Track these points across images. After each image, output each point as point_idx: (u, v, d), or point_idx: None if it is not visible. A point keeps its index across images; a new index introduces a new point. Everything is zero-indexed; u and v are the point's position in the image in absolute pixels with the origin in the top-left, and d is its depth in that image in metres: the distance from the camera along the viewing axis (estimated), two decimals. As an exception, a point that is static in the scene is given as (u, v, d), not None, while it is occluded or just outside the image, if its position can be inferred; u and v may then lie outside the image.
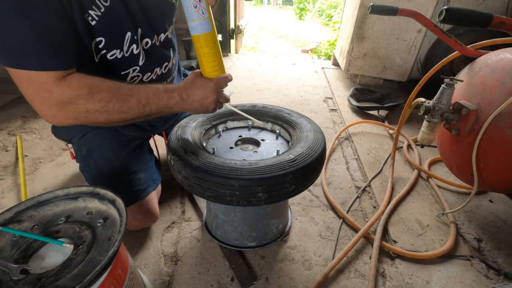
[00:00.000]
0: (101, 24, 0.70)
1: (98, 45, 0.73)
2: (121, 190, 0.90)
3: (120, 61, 0.79)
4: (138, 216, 0.95)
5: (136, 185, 0.95)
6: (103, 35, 0.72)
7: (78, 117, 0.66)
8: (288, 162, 0.72)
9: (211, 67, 0.77)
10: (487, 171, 0.97)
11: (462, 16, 0.62)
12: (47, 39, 0.59)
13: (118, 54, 0.78)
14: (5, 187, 1.25)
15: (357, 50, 2.39)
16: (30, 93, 0.62)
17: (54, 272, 0.54)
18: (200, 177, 0.71)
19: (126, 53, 0.79)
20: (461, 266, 0.95)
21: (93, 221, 0.65)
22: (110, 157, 0.93)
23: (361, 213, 1.18)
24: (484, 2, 2.04)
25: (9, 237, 0.61)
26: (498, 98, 0.92)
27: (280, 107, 1.06)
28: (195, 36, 0.73)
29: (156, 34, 0.88)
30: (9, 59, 0.59)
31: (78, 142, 0.94)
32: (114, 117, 0.68)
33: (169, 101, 0.73)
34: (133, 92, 0.69)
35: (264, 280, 0.89)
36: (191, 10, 0.69)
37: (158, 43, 0.89)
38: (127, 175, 0.95)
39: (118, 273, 0.60)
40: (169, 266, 0.92)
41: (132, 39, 0.79)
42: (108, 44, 0.74)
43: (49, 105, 0.63)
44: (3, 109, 1.89)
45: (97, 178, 0.93)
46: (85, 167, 0.94)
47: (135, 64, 0.84)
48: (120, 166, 0.94)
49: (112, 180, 0.93)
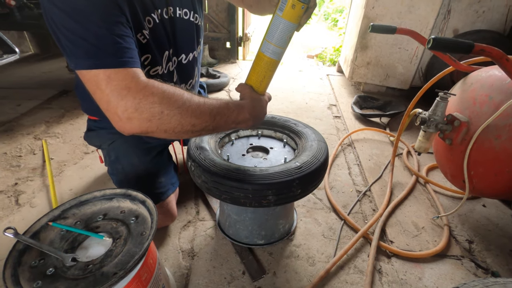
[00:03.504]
0: (149, 43, 0.78)
1: (145, 61, 0.81)
2: (145, 193, 1.02)
3: (161, 77, 0.86)
4: (159, 216, 1.06)
5: (158, 188, 1.06)
6: (150, 52, 0.81)
7: (152, 119, 0.64)
8: (294, 169, 0.83)
9: (266, 86, 0.84)
10: (477, 178, 1.06)
11: (447, 44, 0.72)
12: (123, 41, 0.64)
13: (160, 70, 0.86)
14: (35, 187, 1.37)
15: (360, 59, 2.48)
16: (108, 93, 0.61)
17: (98, 260, 0.65)
18: (218, 181, 0.81)
19: (165, 70, 0.89)
20: (452, 265, 1.04)
21: (126, 218, 0.76)
22: (135, 163, 1.04)
23: (361, 215, 1.27)
24: (484, 14, 2.12)
25: (58, 231, 0.72)
26: (486, 111, 1.01)
27: (287, 118, 1.16)
28: (270, 60, 0.77)
29: (185, 54, 0.96)
30: (88, 60, 0.61)
31: (107, 149, 1.06)
32: (186, 121, 0.67)
33: (238, 116, 0.75)
34: (205, 100, 0.70)
35: (272, 274, 0.99)
36: (284, 38, 0.74)
37: (186, 61, 0.97)
38: (150, 179, 1.06)
39: (150, 263, 0.71)
40: (186, 261, 1.02)
41: (169, 57, 0.89)
42: (153, 61, 0.83)
43: (125, 105, 0.62)
44: (28, 114, 2.03)
45: (123, 181, 1.04)
46: (113, 171, 1.06)
47: (171, 80, 0.92)
48: (144, 171, 1.05)
49: (136, 183, 1.04)
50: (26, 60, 3.31)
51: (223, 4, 3.33)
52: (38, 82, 2.67)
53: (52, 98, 2.33)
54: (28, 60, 3.35)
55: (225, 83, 2.73)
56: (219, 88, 2.68)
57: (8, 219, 1.19)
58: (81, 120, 2.01)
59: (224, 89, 2.73)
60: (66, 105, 2.21)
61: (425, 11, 2.13)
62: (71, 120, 1.99)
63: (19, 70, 2.98)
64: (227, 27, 3.46)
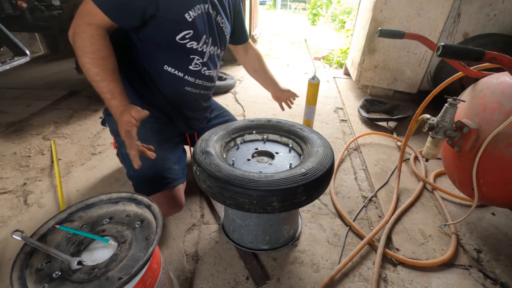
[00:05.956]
0: (193, 23, 1.00)
1: (187, 35, 1.01)
2: (159, 176, 1.08)
3: (195, 51, 1.08)
4: (168, 201, 1.08)
5: (172, 173, 1.10)
6: (192, 29, 1.01)
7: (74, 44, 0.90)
8: (300, 176, 0.82)
9: None
10: (486, 186, 1.04)
11: (456, 52, 0.71)
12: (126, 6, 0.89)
13: (195, 45, 1.06)
14: (43, 187, 1.39)
15: (368, 62, 2.46)
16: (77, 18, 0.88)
17: (104, 264, 0.65)
18: (223, 187, 0.81)
19: (200, 48, 1.08)
20: (460, 275, 1.02)
21: (131, 222, 0.77)
22: (155, 146, 1.06)
23: (367, 222, 1.26)
24: (495, 18, 2.09)
25: (64, 234, 0.73)
26: (497, 119, 0.99)
27: (292, 122, 1.16)
28: None
29: (216, 47, 1.17)
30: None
31: None
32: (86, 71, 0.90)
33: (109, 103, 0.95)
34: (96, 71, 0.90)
35: (276, 280, 0.98)
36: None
37: (214, 53, 1.18)
38: (165, 164, 1.09)
39: (154, 268, 0.71)
40: (190, 264, 1.03)
41: (205, 41, 1.08)
42: (193, 36, 1.03)
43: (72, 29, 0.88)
44: (37, 115, 2.06)
45: (140, 161, 1.06)
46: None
47: (201, 57, 1.11)
48: (161, 155, 1.07)
49: (152, 166, 1.05)
50: (36, 61, 3.38)
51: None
52: (48, 83, 2.72)
53: (61, 98, 2.37)
54: (38, 60, 3.41)
55: (231, 85, 2.74)
56: (225, 90, 2.69)
57: (16, 219, 1.21)
58: (89, 121, 2.04)
59: (230, 91, 2.73)
60: (75, 106, 2.25)
61: (434, 14, 2.11)
62: (79, 121, 2.02)
63: (30, 71, 3.04)
64: (234, 29, 3.46)
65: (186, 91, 1.15)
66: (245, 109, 2.37)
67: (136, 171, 1.05)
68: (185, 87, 1.13)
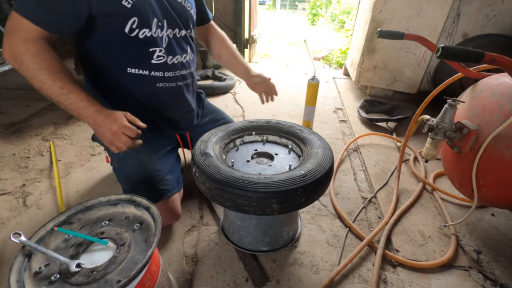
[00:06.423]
0: (134, 8, 0.89)
1: (133, 24, 0.92)
2: (152, 188, 1.06)
3: (151, 41, 0.97)
4: (164, 213, 1.07)
5: (165, 184, 1.08)
6: (136, 15, 0.91)
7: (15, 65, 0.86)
8: (299, 177, 0.82)
9: None
10: (486, 187, 1.04)
11: (456, 53, 0.71)
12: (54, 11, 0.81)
13: (148, 33, 0.95)
14: (43, 189, 1.39)
15: (367, 62, 2.46)
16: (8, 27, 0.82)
17: (102, 267, 0.65)
18: (222, 189, 0.81)
19: (154, 34, 0.97)
20: (459, 276, 1.02)
21: (130, 224, 0.76)
22: (145, 159, 1.07)
23: (366, 223, 1.26)
24: (494, 18, 2.09)
25: (63, 236, 0.73)
26: (496, 120, 0.98)
27: (292, 123, 1.16)
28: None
29: (178, 29, 1.05)
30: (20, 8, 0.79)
31: None
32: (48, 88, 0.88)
33: (79, 112, 0.94)
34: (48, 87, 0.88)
35: (276, 281, 0.98)
36: None
37: (178, 35, 1.06)
38: (157, 175, 1.08)
39: (153, 270, 0.71)
40: (190, 266, 1.02)
41: (158, 25, 0.97)
42: (140, 23, 0.93)
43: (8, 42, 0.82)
44: (37, 115, 2.06)
45: (132, 176, 1.06)
46: (121, 167, 1.08)
47: (160, 45, 1.00)
48: (152, 167, 1.07)
49: (144, 180, 1.05)
50: (36, 61, 3.36)
51: (230, 6, 3.34)
52: (47, 83, 2.71)
53: (60, 99, 2.36)
54: (38, 61, 3.40)
55: (231, 85, 2.74)
56: (225, 90, 2.69)
57: (15, 220, 1.20)
58: (88, 121, 2.03)
59: (230, 92, 2.73)
60: (74, 107, 2.24)
61: (434, 15, 2.10)
62: (78, 122, 2.01)
63: (29, 71, 3.02)
64: (234, 29, 3.46)
65: (160, 89, 1.05)
66: (244, 110, 2.36)
67: (130, 186, 1.06)
68: (156, 85, 1.04)
